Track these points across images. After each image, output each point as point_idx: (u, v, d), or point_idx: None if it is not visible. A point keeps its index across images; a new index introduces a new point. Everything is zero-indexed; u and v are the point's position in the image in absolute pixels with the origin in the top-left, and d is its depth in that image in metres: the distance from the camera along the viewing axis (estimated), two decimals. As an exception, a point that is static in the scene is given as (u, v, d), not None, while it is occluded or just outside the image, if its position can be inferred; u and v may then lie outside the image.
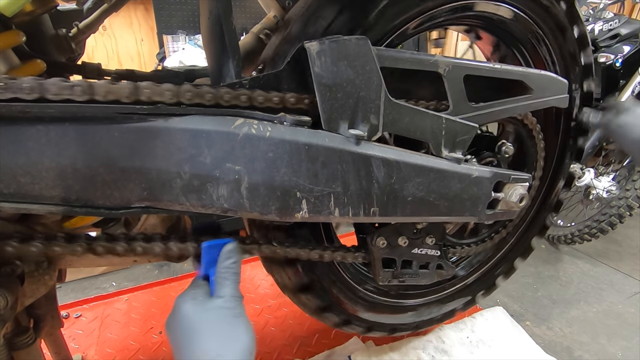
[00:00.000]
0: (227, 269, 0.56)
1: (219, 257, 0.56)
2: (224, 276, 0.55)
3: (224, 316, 0.52)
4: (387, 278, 0.78)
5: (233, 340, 0.51)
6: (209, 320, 0.52)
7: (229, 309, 0.53)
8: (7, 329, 0.67)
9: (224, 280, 0.55)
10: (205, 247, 0.57)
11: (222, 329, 0.51)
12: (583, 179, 1.95)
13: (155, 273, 1.86)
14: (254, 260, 1.53)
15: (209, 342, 0.49)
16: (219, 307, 0.53)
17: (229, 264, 0.56)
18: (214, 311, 0.52)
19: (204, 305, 0.53)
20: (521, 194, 0.75)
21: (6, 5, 0.52)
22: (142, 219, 0.76)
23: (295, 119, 0.54)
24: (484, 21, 0.80)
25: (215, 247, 0.57)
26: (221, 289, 0.54)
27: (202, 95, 0.51)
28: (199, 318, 0.52)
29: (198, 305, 0.53)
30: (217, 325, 0.51)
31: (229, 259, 0.56)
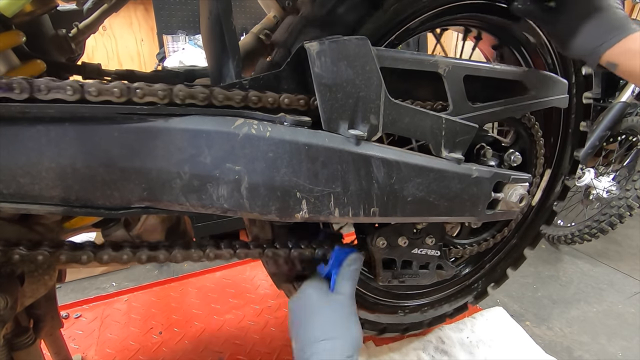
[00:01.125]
0: (351, 272, 0.67)
1: (344, 261, 0.67)
2: (346, 278, 0.66)
3: (342, 310, 0.62)
4: (387, 278, 0.78)
5: (347, 330, 0.60)
6: (330, 309, 0.62)
7: (347, 305, 0.63)
8: (7, 330, 0.67)
9: (346, 281, 0.66)
10: (337, 250, 0.69)
11: (340, 319, 0.61)
12: (583, 179, 1.95)
13: (155, 273, 1.86)
14: (253, 261, 1.53)
15: (328, 327, 0.60)
16: (340, 301, 0.63)
17: (353, 269, 0.67)
18: (335, 303, 0.63)
19: (328, 297, 0.64)
20: (521, 194, 0.75)
21: (6, 5, 0.52)
22: (142, 220, 0.76)
23: (295, 119, 0.54)
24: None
25: (344, 252, 0.69)
26: (343, 287, 0.65)
27: (201, 95, 0.51)
28: (321, 305, 0.63)
29: (323, 295, 0.64)
30: (336, 315, 0.62)
31: (352, 264, 0.67)
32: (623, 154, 2.02)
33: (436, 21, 0.74)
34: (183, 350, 1.11)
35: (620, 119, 1.95)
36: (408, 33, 0.71)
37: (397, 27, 0.68)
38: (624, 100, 1.94)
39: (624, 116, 1.96)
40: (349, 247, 0.71)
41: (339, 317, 0.62)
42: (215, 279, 1.45)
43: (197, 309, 1.28)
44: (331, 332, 0.59)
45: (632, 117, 1.96)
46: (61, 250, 0.52)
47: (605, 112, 1.98)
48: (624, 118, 1.96)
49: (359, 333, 0.62)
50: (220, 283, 1.42)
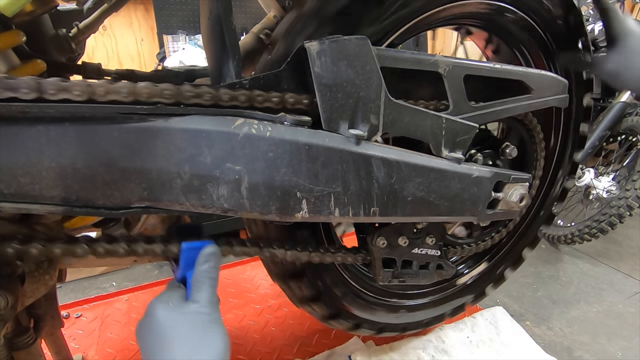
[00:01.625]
0: (205, 272, 0.53)
1: (196, 260, 0.54)
2: (201, 280, 0.53)
3: (199, 322, 0.50)
4: (388, 278, 0.78)
5: (206, 347, 0.48)
6: (182, 325, 0.49)
7: (204, 314, 0.50)
8: (8, 329, 0.67)
9: (201, 284, 0.52)
10: (185, 248, 0.55)
11: (196, 335, 0.49)
12: (583, 179, 1.95)
13: (155, 273, 1.86)
14: (254, 260, 1.53)
15: (180, 349, 0.47)
16: (193, 312, 0.50)
17: (206, 268, 0.54)
18: (188, 316, 0.50)
19: (178, 310, 0.51)
20: (521, 194, 0.75)
21: (6, 5, 0.52)
22: (142, 219, 0.76)
23: (295, 119, 0.54)
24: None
25: (194, 249, 0.55)
26: (197, 293, 0.52)
27: (201, 95, 0.51)
28: (171, 323, 0.49)
29: (172, 309, 0.50)
30: (190, 331, 0.49)
31: (207, 262, 0.54)
32: (623, 154, 2.02)
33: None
34: (183, 350, 1.11)
35: (620, 119, 1.96)
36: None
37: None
38: (624, 100, 1.95)
39: (624, 116, 1.96)
40: (201, 240, 0.56)
41: (196, 335, 0.49)
42: (216, 278, 1.45)
43: (197, 308, 1.28)
44: (187, 355, 0.47)
45: (632, 117, 1.96)
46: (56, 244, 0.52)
47: (605, 112, 1.98)
48: (624, 118, 1.96)
49: (223, 346, 0.49)
50: (220, 283, 1.41)
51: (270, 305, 1.30)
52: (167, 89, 0.49)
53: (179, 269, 0.56)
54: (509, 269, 1.11)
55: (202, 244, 0.55)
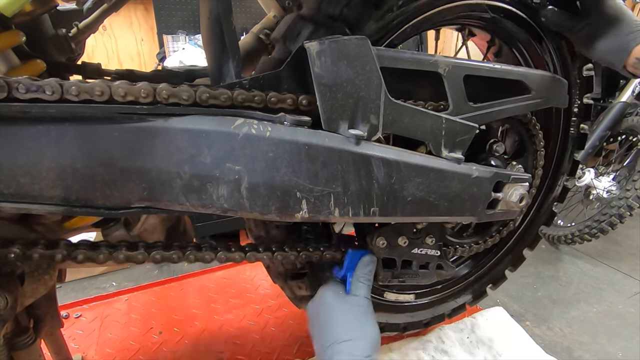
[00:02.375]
0: (365, 274, 0.69)
1: (358, 264, 0.70)
2: (361, 279, 0.68)
3: (359, 311, 0.64)
4: (387, 278, 0.78)
5: (365, 331, 0.62)
6: (347, 310, 0.64)
7: (362, 306, 0.65)
8: (7, 329, 0.67)
9: (361, 283, 0.68)
10: (350, 253, 0.71)
11: (358, 320, 0.63)
12: (583, 179, 1.95)
13: (155, 273, 1.86)
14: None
15: (346, 327, 0.62)
16: (355, 303, 0.65)
17: (366, 271, 0.69)
18: (351, 305, 0.65)
19: (344, 299, 0.66)
20: (521, 194, 0.75)
21: (6, 5, 0.52)
22: (142, 219, 0.76)
23: (295, 119, 0.54)
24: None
25: (357, 255, 0.71)
26: (357, 289, 0.67)
27: (201, 95, 0.51)
28: (339, 307, 0.64)
29: (339, 297, 0.66)
30: (353, 316, 0.64)
31: (367, 266, 0.70)
32: (623, 154, 2.02)
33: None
34: (183, 350, 1.11)
35: (621, 119, 1.96)
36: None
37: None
38: (624, 100, 1.95)
39: (624, 116, 1.96)
40: (362, 249, 0.73)
41: (356, 318, 0.63)
42: (216, 278, 1.45)
43: (197, 308, 1.28)
44: (350, 333, 0.61)
45: (632, 117, 1.96)
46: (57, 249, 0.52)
47: (605, 112, 1.98)
48: (624, 118, 1.96)
49: (376, 333, 0.63)
50: (220, 283, 1.42)
51: (270, 306, 1.30)
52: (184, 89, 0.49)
53: (342, 269, 0.71)
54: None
55: (364, 252, 0.72)
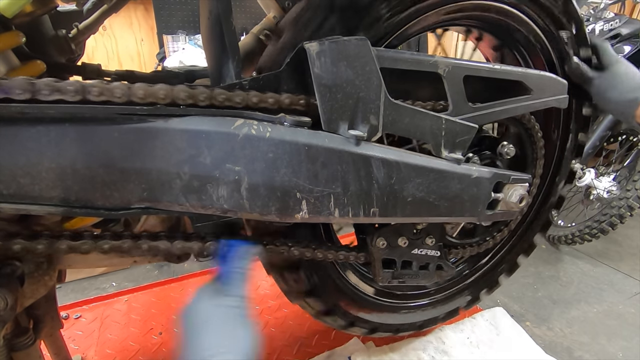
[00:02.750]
0: (238, 269, 0.58)
1: (232, 256, 0.59)
2: (236, 275, 0.57)
3: (231, 315, 0.54)
4: (387, 278, 0.78)
5: (236, 338, 0.52)
6: (216, 316, 0.53)
7: (235, 307, 0.54)
8: (7, 330, 0.67)
9: (236, 279, 0.57)
10: (223, 244, 0.61)
11: (226, 327, 0.53)
12: (583, 179, 1.95)
13: (155, 273, 1.86)
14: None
15: (213, 338, 0.51)
16: (226, 305, 0.54)
17: (240, 265, 0.58)
18: (221, 309, 0.54)
19: (214, 302, 0.55)
20: (521, 195, 0.75)
21: (6, 6, 0.52)
22: (142, 220, 0.76)
23: (295, 119, 0.54)
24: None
25: (231, 247, 0.60)
26: (232, 288, 0.56)
27: (201, 96, 0.51)
28: (207, 313, 0.54)
29: (208, 301, 0.55)
30: (222, 323, 0.53)
31: (242, 259, 0.59)
32: (623, 154, 2.01)
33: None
34: (183, 351, 1.11)
35: (621, 119, 1.95)
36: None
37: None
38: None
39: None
40: (237, 238, 0.63)
41: (228, 326, 0.53)
42: (216, 279, 1.45)
43: (197, 309, 1.28)
44: (220, 345, 0.50)
45: (632, 117, 1.96)
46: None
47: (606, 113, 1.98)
48: (625, 118, 1.96)
49: (250, 341, 0.52)
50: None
51: (270, 306, 1.30)
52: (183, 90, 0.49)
53: (218, 264, 0.60)
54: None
55: (238, 242, 0.61)
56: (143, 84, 0.48)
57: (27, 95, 0.43)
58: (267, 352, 1.11)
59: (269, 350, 1.12)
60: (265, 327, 1.21)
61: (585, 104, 0.93)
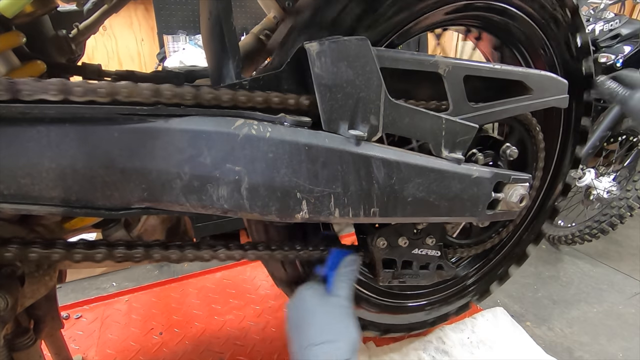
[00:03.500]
0: (346, 274, 0.67)
1: (340, 263, 0.67)
2: (343, 279, 0.66)
3: (339, 312, 0.62)
4: (388, 278, 0.78)
5: (344, 331, 0.60)
6: (326, 311, 0.62)
7: (343, 306, 0.63)
8: (7, 330, 0.67)
9: (343, 282, 0.65)
10: (334, 252, 0.69)
11: (337, 321, 0.61)
12: (584, 179, 1.95)
13: (156, 273, 1.86)
14: (254, 261, 1.53)
15: (325, 329, 0.59)
16: (335, 303, 0.63)
17: (348, 270, 0.67)
18: (331, 305, 0.63)
19: (324, 299, 0.64)
20: (521, 194, 0.75)
21: (6, 6, 0.52)
22: (143, 220, 0.76)
23: (295, 119, 0.54)
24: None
25: (340, 254, 0.69)
26: (338, 289, 0.65)
27: (201, 95, 0.51)
28: (319, 307, 0.62)
29: (319, 297, 0.64)
30: (332, 317, 0.61)
31: (349, 266, 0.68)
32: (623, 155, 2.01)
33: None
34: (183, 351, 1.11)
35: (621, 119, 1.95)
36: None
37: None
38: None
39: (625, 116, 1.96)
40: (346, 248, 0.71)
41: (335, 320, 0.61)
42: (216, 279, 1.45)
43: (198, 309, 1.28)
44: (328, 335, 0.58)
45: (632, 117, 1.95)
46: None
47: (605, 112, 1.98)
48: (625, 118, 1.96)
49: (356, 335, 0.61)
50: (220, 284, 1.42)
51: (270, 306, 1.30)
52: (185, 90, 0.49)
53: (324, 268, 0.69)
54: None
55: (348, 251, 0.70)
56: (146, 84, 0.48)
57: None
58: (267, 352, 1.11)
59: (269, 350, 1.12)
60: (266, 327, 1.21)
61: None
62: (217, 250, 0.63)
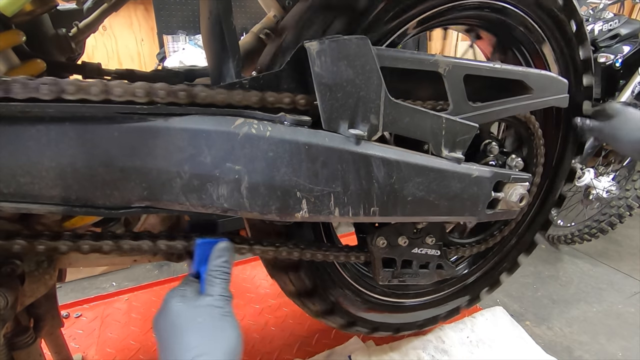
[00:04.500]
0: (218, 267, 0.55)
1: (210, 255, 0.56)
2: (214, 275, 0.55)
3: (212, 315, 0.52)
4: (387, 278, 0.78)
5: (219, 339, 0.50)
6: (196, 318, 0.51)
7: (217, 307, 0.52)
8: (8, 329, 0.67)
9: (214, 279, 0.54)
10: (199, 244, 0.56)
11: (209, 328, 0.50)
12: (583, 179, 1.95)
13: (155, 273, 1.86)
14: (254, 260, 1.53)
15: (193, 340, 0.49)
16: (207, 305, 0.52)
17: (219, 263, 0.55)
18: (202, 309, 0.52)
19: (193, 303, 0.53)
20: (521, 194, 0.75)
21: (6, 5, 0.52)
22: (143, 219, 0.76)
23: (295, 118, 0.54)
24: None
25: (208, 245, 0.56)
26: (211, 287, 0.54)
27: (201, 95, 0.51)
28: (185, 315, 0.51)
29: (186, 302, 0.53)
30: (203, 323, 0.50)
31: (220, 257, 0.56)
32: (622, 156, 2.02)
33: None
34: (183, 350, 1.11)
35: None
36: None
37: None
38: (624, 101, 1.94)
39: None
40: (214, 236, 0.59)
41: (207, 327, 0.50)
42: (216, 278, 1.45)
43: (197, 308, 1.28)
44: (199, 347, 0.48)
45: (632, 117, 1.96)
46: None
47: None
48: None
49: (234, 339, 0.51)
50: (220, 283, 1.42)
51: (270, 305, 1.30)
52: (183, 89, 0.49)
53: (193, 263, 0.57)
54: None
55: (216, 240, 0.57)
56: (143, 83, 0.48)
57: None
58: (267, 351, 1.11)
59: (269, 349, 1.12)
60: (266, 326, 1.21)
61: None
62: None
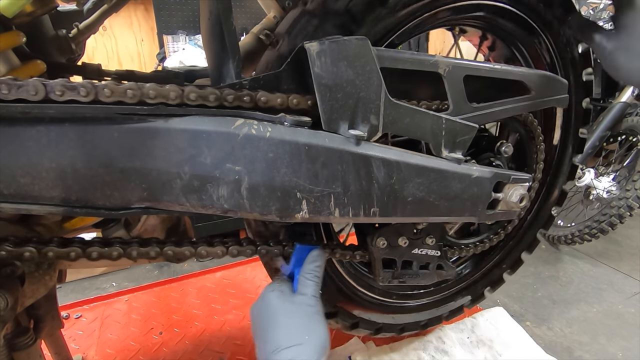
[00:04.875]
0: (312, 270, 0.63)
1: (305, 259, 0.64)
2: (308, 277, 0.62)
3: (306, 311, 0.59)
4: (388, 278, 0.78)
5: (311, 333, 0.57)
6: (293, 312, 0.58)
7: (310, 305, 0.59)
8: (8, 330, 0.67)
9: (307, 280, 0.62)
10: (298, 248, 0.66)
11: (303, 322, 0.57)
12: (583, 179, 1.95)
13: (155, 273, 1.86)
14: (254, 260, 1.53)
15: (290, 331, 0.56)
16: (301, 302, 0.60)
17: (314, 267, 0.63)
18: (297, 305, 0.59)
19: (289, 299, 0.60)
20: (521, 194, 0.75)
21: (6, 6, 0.52)
22: (143, 220, 0.76)
23: (295, 119, 0.54)
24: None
25: (305, 250, 0.65)
26: (304, 287, 0.61)
27: (201, 95, 0.51)
28: (283, 308, 0.59)
29: (284, 297, 0.60)
30: (299, 317, 0.58)
31: (314, 262, 0.64)
32: (623, 154, 2.02)
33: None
34: (183, 351, 1.11)
35: (621, 119, 1.95)
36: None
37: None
38: (624, 101, 1.95)
39: (624, 116, 1.96)
40: (311, 244, 0.68)
41: (302, 321, 0.58)
42: (216, 279, 1.45)
43: (198, 309, 1.29)
44: (294, 338, 0.55)
45: (632, 117, 1.96)
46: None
47: (605, 112, 1.98)
48: (624, 118, 1.96)
49: (324, 336, 0.57)
50: (220, 283, 1.42)
51: (270, 306, 1.30)
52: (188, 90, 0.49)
53: (289, 265, 0.66)
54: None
55: (313, 247, 0.66)
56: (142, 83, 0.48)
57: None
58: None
59: (269, 350, 1.12)
60: (266, 327, 1.21)
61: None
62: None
